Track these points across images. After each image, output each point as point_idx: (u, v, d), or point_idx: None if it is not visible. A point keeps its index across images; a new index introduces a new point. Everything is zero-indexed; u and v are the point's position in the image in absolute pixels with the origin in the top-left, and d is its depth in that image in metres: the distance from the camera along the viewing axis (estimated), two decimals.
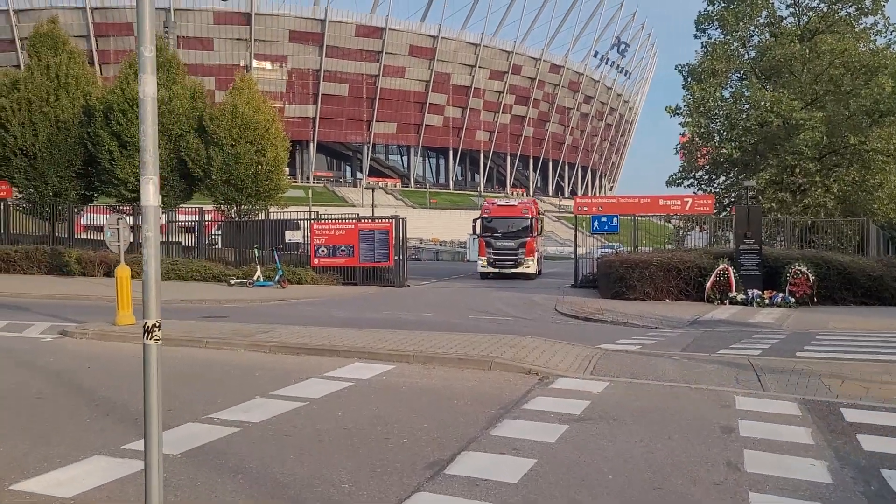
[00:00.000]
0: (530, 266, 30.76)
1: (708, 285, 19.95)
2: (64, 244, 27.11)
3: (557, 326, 15.33)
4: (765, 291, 19.77)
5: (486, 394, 7.66)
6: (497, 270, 30.57)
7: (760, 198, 28.40)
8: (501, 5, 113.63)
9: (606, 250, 30.26)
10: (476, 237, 32.48)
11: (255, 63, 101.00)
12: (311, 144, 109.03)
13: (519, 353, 9.58)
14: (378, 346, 9.96)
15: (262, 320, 14.16)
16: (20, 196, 28.51)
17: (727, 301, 19.64)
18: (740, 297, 19.63)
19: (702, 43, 31.57)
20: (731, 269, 20.00)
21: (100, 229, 25.84)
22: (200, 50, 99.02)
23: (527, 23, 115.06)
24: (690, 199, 26.46)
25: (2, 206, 28.59)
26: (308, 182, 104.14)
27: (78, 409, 7.03)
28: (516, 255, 30.61)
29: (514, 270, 30.48)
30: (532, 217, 31.33)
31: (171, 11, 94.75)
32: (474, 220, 32.32)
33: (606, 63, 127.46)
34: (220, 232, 29.20)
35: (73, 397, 7.54)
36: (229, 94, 27.79)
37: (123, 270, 11.89)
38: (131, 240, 12.34)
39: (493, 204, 33.24)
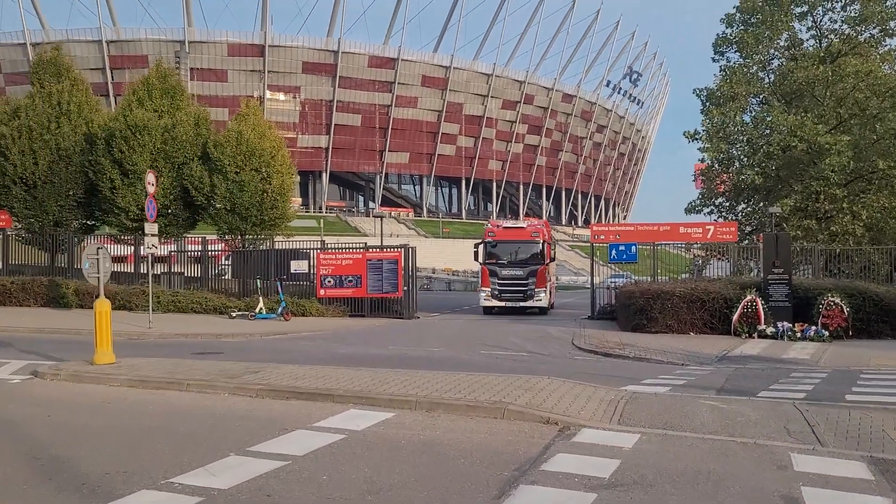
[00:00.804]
0: (542, 299, 26.46)
1: (735, 318, 18.76)
2: (63, 275, 26.27)
3: (576, 363, 14.19)
4: (796, 324, 18.54)
5: (497, 450, 6.56)
6: (503, 304, 26.36)
7: (785, 225, 27.23)
8: (513, 36, 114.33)
9: (617, 280, 29.04)
10: (480, 265, 27.61)
11: (268, 94, 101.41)
12: (324, 174, 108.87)
13: (535, 397, 8.49)
14: (378, 389, 8.89)
15: (258, 357, 13.13)
16: (20, 226, 27.75)
17: (756, 334, 18.43)
18: (770, 330, 18.41)
19: (720, 66, 30.63)
20: (759, 300, 18.79)
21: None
22: (215, 81, 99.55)
23: (539, 53, 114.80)
24: (712, 227, 25.33)
25: (1, 237, 27.82)
26: (321, 212, 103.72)
27: (17, 470, 6.00)
28: (525, 285, 26.27)
29: (523, 304, 26.22)
30: (543, 241, 27.15)
31: (186, 44, 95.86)
32: (476, 245, 27.58)
33: (619, 92, 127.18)
34: (229, 263, 28.28)
35: (16, 455, 6.50)
36: (234, 120, 27.07)
37: (102, 304, 10.90)
38: (112, 270, 11.37)
39: (498, 226, 28.97)
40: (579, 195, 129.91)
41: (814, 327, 18.14)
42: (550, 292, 28.10)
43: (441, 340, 17.59)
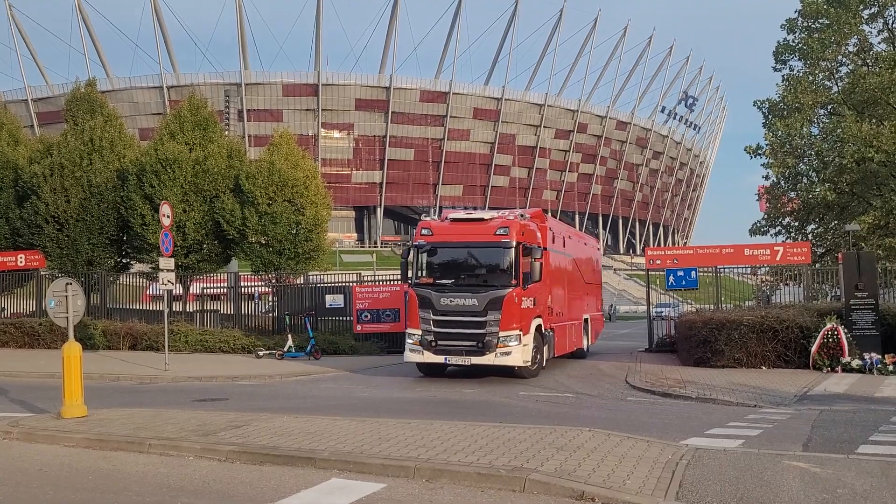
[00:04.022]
0: (511, 350, 14.65)
1: (813, 349, 16.44)
2: (94, 315, 25.44)
3: (628, 407, 12.23)
4: (886, 356, 16.16)
5: None
6: (440, 360, 15.18)
7: (864, 244, 24.68)
8: (565, 65, 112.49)
9: (662, 310, 26.54)
10: (415, 285, 15.74)
11: (322, 132, 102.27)
12: (379, 209, 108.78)
13: (569, 459, 6.67)
14: (372, 448, 7.20)
15: (264, 404, 11.63)
16: (53, 265, 27.17)
17: (839, 368, 16.07)
18: (856, 362, 16.04)
19: (782, 76, 28.33)
20: (841, 328, 16.45)
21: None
22: (271, 121, 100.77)
23: (591, 81, 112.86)
24: (782, 248, 22.93)
25: (35, 277, 27.27)
26: (375, 246, 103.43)
27: None
28: (478, 325, 14.76)
29: (477, 361, 14.89)
30: (516, 245, 15.08)
31: (242, 86, 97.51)
32: (403, 254, 16.64)
33: (674, 118, 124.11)
34: (275, 299, 27.01)
35: None
36: (266, 150, 26.10)
37: (71, 349, 9.52)
38: (83, 311, 10.06)
39: (446, 219, 16.67)
40: (637, 223, 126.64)
41: None
42: (545, 340, 16.40)
43: (474, 379, 15.74)
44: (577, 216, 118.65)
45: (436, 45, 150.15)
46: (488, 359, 14.72)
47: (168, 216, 17.62)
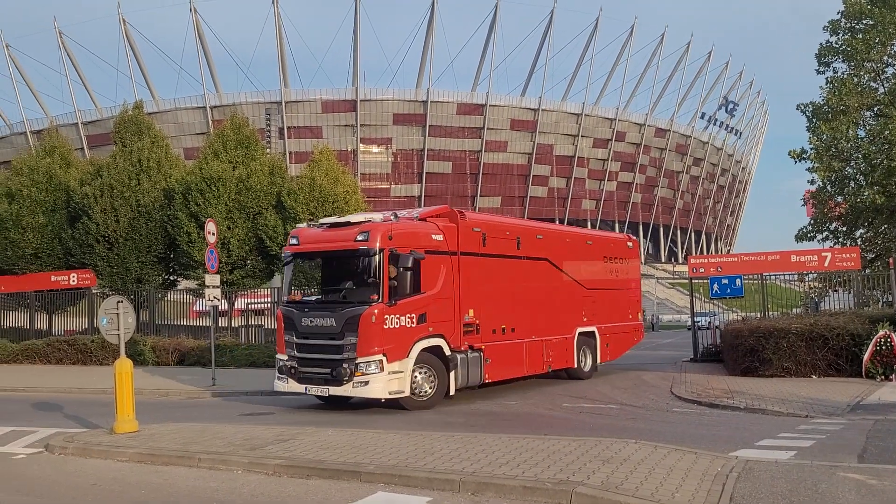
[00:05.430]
0: (369, 380, 12.31)
1: (866, 357, 16.00)
2: (143, 331, 26.02)
3: (674, 418, 12.06)
4: None
5: None
6: (299, 390, 13.22)
7: None
8: (602, 74, 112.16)
9: (700, 319, 25.73)
10: (283, 304, 14.29)
11: (361, 147, 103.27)
12: None
13: (616, 472, 6.62)
14: (417, 462, 7.24)
15: (307, 418, 11.79)
16: (104, 284, 27.88)
17: (893, 376, 15.63)
18: None
19: (826, 78, 27.72)
20: (894, 335, 16.01)
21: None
22: (310, 138, 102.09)
23: (629, 89, 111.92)
24: (830, 254, 22.40)
25: (87, 296, 28.01)
26: None
27: None
28: (335, 349, 12.63)
29: (335, 392, 12.69)
30: (379, 252, 12.61)
31: (283, 104, 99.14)
32: (282, 267, 15.34)
33: (715, 124, 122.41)
34: None
35: None
36: (307, 167, 26.52)
37: (123, 365, 9.78)
38: (133, 327, 10.29)
39: (323, 225, 14.27)
40: (678, 231, 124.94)
41: None
42: (452, 360, 13.45)
43: (518, 391, 15.66)
44: (616, 225, 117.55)
45: (472, 58, 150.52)
46: (346, 389, 12.43)
47: (213, 233, 17.98)
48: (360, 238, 12.70)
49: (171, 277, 28.88)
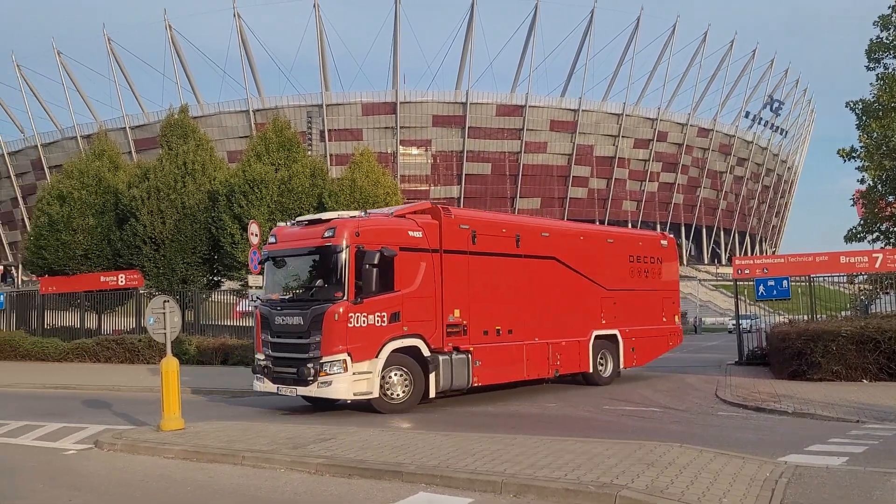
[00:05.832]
0: (332, 381, 11.96)
1: None
2: (189, 331, 26.48)
3: (719, 421, 11.84)
4: None
5: None
6: (271, 390, 12.96)
7: None
8: (643, 73, 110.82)
9: (744, 322, 24.90)
10: (261, 302, 13.89)
11: (401, 149, 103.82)
12: None
13: (661, 475, 6.52)
14: (458, 463, 7.22)
15: (347, 417, 11.83)
16: (150, 284, 28.47)
17: None
18: None
19: (877, 75, 27.01)
20: None
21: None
22: (351, 140, 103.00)
23: (671, 88, 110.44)
24: (881, 255, 21.78)
25: (134, 296, 28.63)
26: None
27: None
28: (301, 348, 12.43)
29: (303, 392, 12.55)
30: (345, 248, 12.28)
31: (324, 107, 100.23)
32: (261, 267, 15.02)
33: (759, 123, 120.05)
34: None
35: None
36: (348, 169, 26.74)
37: (170, 364, 9.96)
38: (179, 327, 10.47)
39: (295, 223, 14.13)
40: (721, 232, 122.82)
41: None
42: (431, 363, 12.96)
43: (559, 393, 15.55)
44: (658, 226, 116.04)
45: (511, 59, 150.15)
46: (311, 389, 12.16)
47: (256, 235, 18.23)
48: (326, 235, 12.47)
49: (216, 278, 29.35)
